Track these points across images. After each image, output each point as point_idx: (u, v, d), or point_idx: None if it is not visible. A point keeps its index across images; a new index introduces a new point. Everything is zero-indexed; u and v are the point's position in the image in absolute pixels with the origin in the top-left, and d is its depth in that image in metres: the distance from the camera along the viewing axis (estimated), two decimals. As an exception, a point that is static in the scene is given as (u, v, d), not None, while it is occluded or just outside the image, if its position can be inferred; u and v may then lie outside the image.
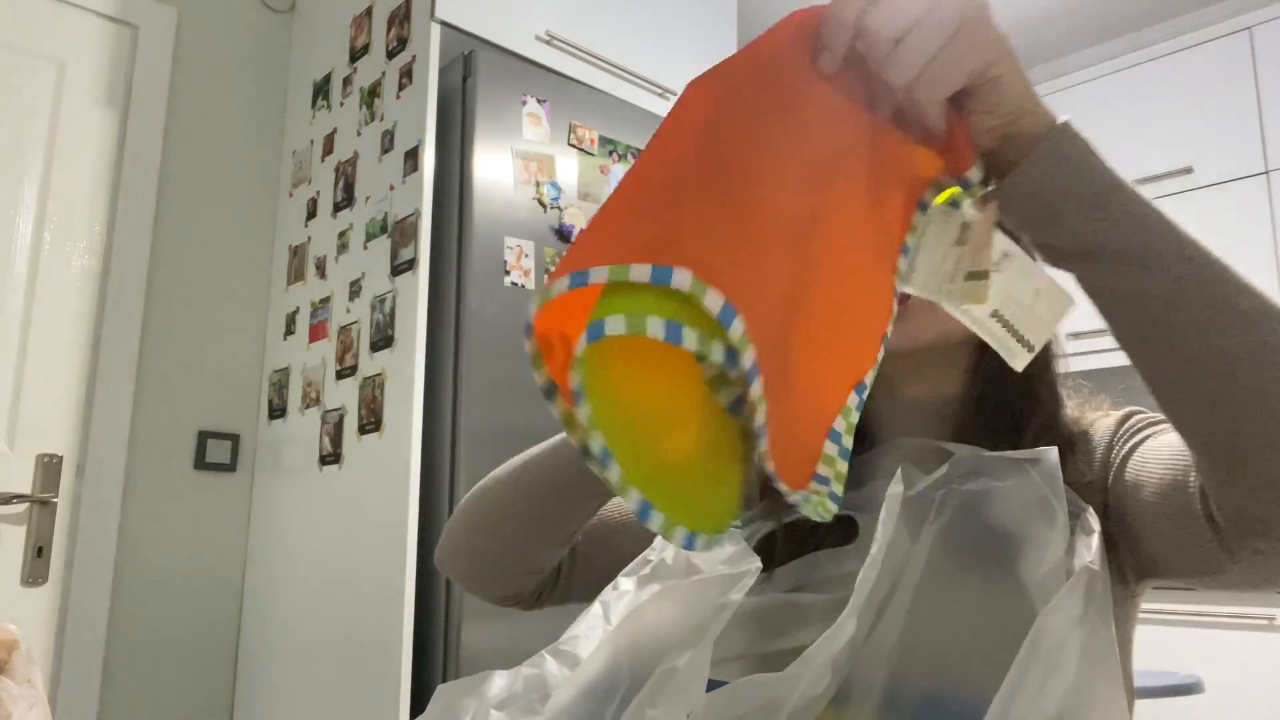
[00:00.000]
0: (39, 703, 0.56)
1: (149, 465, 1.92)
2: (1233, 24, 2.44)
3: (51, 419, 1.81)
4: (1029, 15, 2.77)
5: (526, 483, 0.68)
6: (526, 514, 0.68)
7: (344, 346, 1.80)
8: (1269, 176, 2.32)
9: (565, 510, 0.68)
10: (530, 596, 0.75)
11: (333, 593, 1.71)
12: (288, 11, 2.29)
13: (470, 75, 1.73)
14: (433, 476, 1.60)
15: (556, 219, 1.77)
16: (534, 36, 1.87)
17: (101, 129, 1.96)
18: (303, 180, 2.09)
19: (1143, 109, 2.56)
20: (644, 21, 2.12)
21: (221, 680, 1.97)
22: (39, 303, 1.83)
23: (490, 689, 0.55)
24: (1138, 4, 2.71)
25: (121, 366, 1.90)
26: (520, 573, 0.71)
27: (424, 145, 1.67)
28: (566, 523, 0.69)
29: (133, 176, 1.96)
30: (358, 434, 1.71)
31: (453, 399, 1.61)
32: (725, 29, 2.34)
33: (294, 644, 1.81)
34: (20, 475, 1.76)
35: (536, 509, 0.68)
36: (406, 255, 1.67)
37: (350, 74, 1.97)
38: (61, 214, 1.88)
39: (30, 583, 1.75)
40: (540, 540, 0.69)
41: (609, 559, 0.74)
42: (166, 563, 1.93)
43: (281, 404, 2.00)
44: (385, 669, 1.53)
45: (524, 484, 0.68)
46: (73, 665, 1.76)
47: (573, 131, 1.84)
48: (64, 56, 1.93)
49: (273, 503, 1.97)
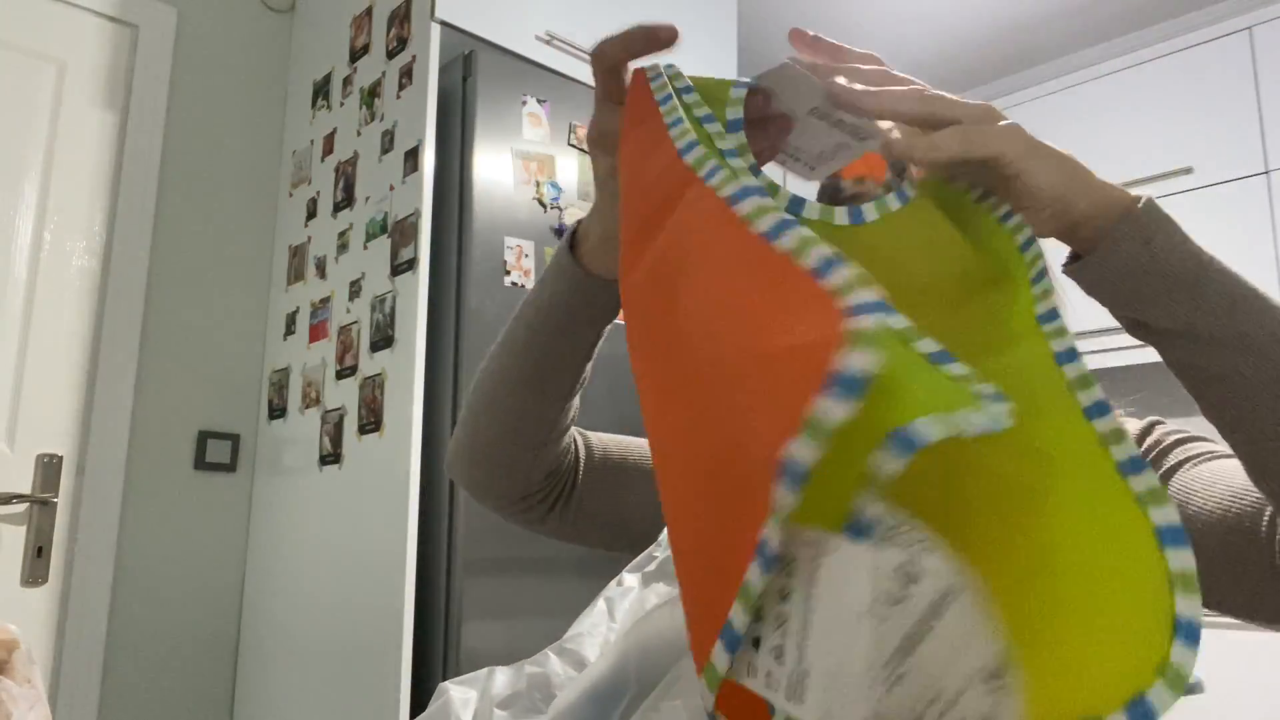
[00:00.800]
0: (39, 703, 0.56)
1: (149, 465, 1.92)
2: (1233, 24, 2.44)
3: (51, 419, 1.81)
4: (1029, 15, 2.77)
5: (509, 342, 0.66)
6: (520, 370, 0.66)
7: (344, 346, 1.80)
8: (1269, 176, 2.32)
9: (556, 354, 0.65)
10: (541, 496, 0.72)
11: (333, 593, 1.71)
12: (288, 11, 2.29)
13: (470, 75, 1.73)
14: (433, 476, 1.60)
15: (556, 219, 1.77)
16: (534, 36, 1.87)
17: (101, 129, 1.96)
18: (303, 180, 2.09)
19: (1143, 109, 2.56)
20: (644, 21, 2.11)
21: (221, 680, 1.97)
22: (39, 303, 1.83)
23: (494, 686, 0.55)
24: (1138, 4, 2.71)
25: (121, 366, 1.90)
26: (527, 449, 0.68)
27: (424, 145, 1.67)
28: (562, 373, 0.66)
29: (133, 176, 1.96)
30: (358, 434, 1.71)
31: (453, 399, 1.61)
32: (725, 29, 2.34)
33: (294, 644, 1.81)
34: (20, 475, 1.76)
35: (531, 363, 0.65)
36: (406, 255, 1.67)
37: (350, 74, 1.97)
38: (61, 214, 1.88)
39: (30, 583, 1.75)
40: (539, 401, 0.66)
41: (615, 491, 0.75)
42: (166, 563, 1.93)
43: (281, 404, 2.00)
44: (385, 669, 1.53)
45: (508, 343, 0.66)
46: (73, 665, 1.76)
47: (573, 131, 1.84)
48: (64, 56, 1.93)
49: (273, 503, 1.97)
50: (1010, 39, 2.90)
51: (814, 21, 2.82)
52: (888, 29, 2.86)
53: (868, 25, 2.84)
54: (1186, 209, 2.39)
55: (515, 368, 0.65)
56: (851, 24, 2.84)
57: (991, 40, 2.91)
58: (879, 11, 2.77)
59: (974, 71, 3.11)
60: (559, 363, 0.65)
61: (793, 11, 2.77)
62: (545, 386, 0.66)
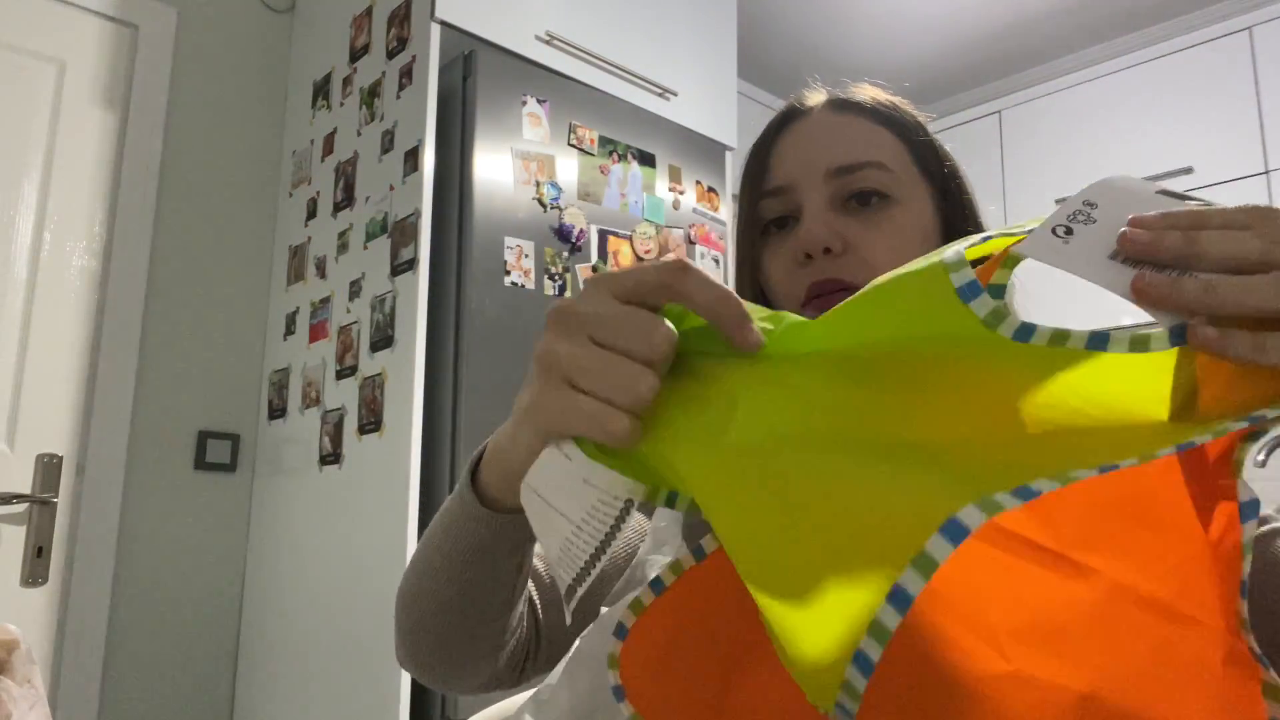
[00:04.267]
0: (39, 703, 0.56)
1: (149, 465, 1.92)
2: (1233, 24, 2.44)
3: (51, 419, 1.81)
4: (1029, 15, 2.77)
5: (425, 566, 0.58)
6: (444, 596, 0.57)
7: (344, 346, 1.80)
8: (1269, 176, 2.32)
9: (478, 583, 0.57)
10: (507, 672, 0.65)
11: (333, 593, 1.71)
12: (288, 11, 2.29)
13: (470, 75, 1.73)
14: (433, 476, 1.60)
15: (556, 219, 1.77)
16: (534, 36, 1.87)
17: (101, 129, 1.96)
18: (303, 180, 2.09)
19: (1143, 109, 2.56)
20: (644, 21, 2.12)
21: (221, 680, 1.97)
22: (39, 303, 1.83)
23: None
24: (1137, 4, 2.71)
25: (121, 366, 1.90)
26: (474, 658, 0.61)
27: (424, 145, 1.67)
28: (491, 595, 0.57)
29: (133, 176, 1.96)
30: (358, 434, 1.71)
31: (453, 399, 1.61)
32: (725, 29, 2.34)
33: (294, 644, 1.81)
34: (20, 475, 1.76)
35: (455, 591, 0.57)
36: (406, 255, 1.67)
37: (350, 74, 1.97)
38: (61, 214, 1.88)
39: (30, 583, 1.75)
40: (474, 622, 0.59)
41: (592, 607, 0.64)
42: (166, 563, 1.93)
43: (281, 404, 2.00)
44: (385, 669, 1.53)
45: (425, 568, 0.58)
46: (73, 665, 1.76)
47: (573, 131, 1.84)
48: (64, 56, 1.93)
49: (273, 503, 1.97)
50: (1010, 39, 2.90)
51: (814, 22, 2.82)
52: (888, 29, 2.86)
53: (868, 25, 2.84)
54: (1186, 209, 2.39)
55: (439, 592, 0.58)
56: (852, 24, 2.84)
57: (991, 40, 2.91)
58: (879, 11, 2.77)
59: (974, 71, 3.11)
60: (485, 589, 0.57)
61: (793, 12, 2.77)
62: (475, 610, 0.58)
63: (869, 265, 0.61)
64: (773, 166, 0.67)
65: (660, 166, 1.99)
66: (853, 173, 0.64)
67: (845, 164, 0.64)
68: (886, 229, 0.63)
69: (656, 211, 1.95)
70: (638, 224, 1.91)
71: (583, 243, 1.80)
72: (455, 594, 0.57)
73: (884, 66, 3.02)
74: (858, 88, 0.70)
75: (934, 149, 0.68)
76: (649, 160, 1.97)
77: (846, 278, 0.61)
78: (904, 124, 0.67)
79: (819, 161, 0.65)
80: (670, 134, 2.03)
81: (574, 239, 1.78)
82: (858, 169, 0.63)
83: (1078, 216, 0.37)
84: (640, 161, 1.95)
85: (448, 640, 0.59)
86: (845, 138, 0.65)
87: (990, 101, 2.98)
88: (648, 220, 1.93)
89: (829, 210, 0.64)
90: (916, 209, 0.65)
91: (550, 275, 1.74)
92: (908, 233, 0.63)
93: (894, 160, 0.65)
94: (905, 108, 0.69)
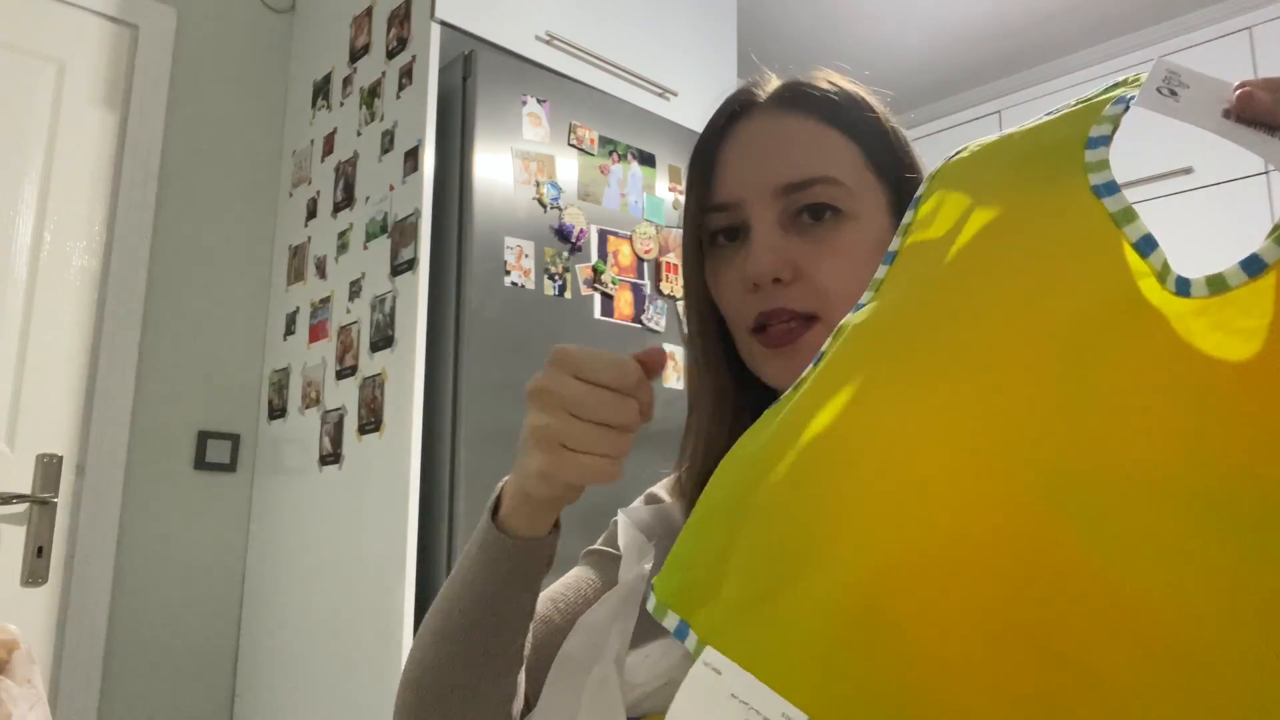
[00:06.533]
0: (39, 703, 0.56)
1: (149, 465, 1.92)
2: (1233, 24, 2.44)
3: (51, 419, 1.81)
4: (1029, 15, 2.77)
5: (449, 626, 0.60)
6: (458, 651, 0.59)
7: (344, 346, 1.80)
8: (1269, 176, 2.32)
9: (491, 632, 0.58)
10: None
11: (333, 593, 1.71)
12: (288, 11, 2.29)
13: (470, 75, 1.73)
14: (433, 476, 1.60)
15: (556, 219, 1.77)
16: (534, 36, 1.87)
17: (101, 129, 1.96)
18: (303, 180, 2.09)
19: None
20: (644, 21, 2.12)
21: (221, 680, 1.97)
22: (39, 303, 1.83)
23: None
24: (1137, 4, 2.71)
25: (121, 366, 1.90)
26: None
27: (424, 145, 1.67)
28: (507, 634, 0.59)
29: (133, 176, 1.96)
30: (358, 434, 1.71)
31: (453, 399, 1.61)
32: (725, 29, 2.34)
33: (294, 644, 1.81)
34: (20, 475, 1.76)
35: (464, 652, 0.59)
36: (406, 255, 1.67)
37: (350, 74, 1.97)
38: (61, 214, 1.88)
39: (30, 583, 1.75)
40: (486, 667, 0.59)
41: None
42: (166, 563, 1.93)
43: (281, 404, 2.00)
44: (385, 669, 1.53)
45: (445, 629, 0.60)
46: (73, 665, 1.76)
47: (573, 131, 1.84)
48: (64, 56, 1.93)
49: (273, 503, 1.97)
50: (1010, 39, 2.90)
51: (813, 22, 2.82)
52: (888, 29, 2.86)
53: (867, 25, 2.84)
54: (1186, 209, 2.39)
55: (461, 654, 0.59)
56: (852, 24, 2.84)
57: (991, 40, 2.91)
58: (879, 11, 2.77)
59: (974, 71, 3.11)
60: (502, 630, 0.59)
61: (793, 12, 2.77)
62: (494, 664, 0.59)
63: (819, 292, 0.61)
64: (718, 177, 0.65)
65: (660, 166, 1.99)
66: (802, 189, 0.62)
67: (794, 180, 0.62)
68: (838, 248, 0.61)
69: (656, 211, 1.95)
70: (638, 224, 1.91)
71: (583, 243, 1.80)
72: (466, 657, 0.59)
73: (884, 66, 3.02)
74: (812, 76, 0.66)
75: (889, 142, 0.65)
76: (649, 160, 1.97)
77: (797, 307, 0.61)
78: (856, 120, 0.64)
79: (767, 178, 0.62)
80: (670, 134, 2.03)
81: (574, 239, 1.78)
82: (807, 185, 0.62)
83: (1172, 80, 0.38)
84: (640, 161, 1.95)
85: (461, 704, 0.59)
86: (794, 146, 0.63)
87: (990, 101, 2.98)
88: (648, 220, 1.93)
89: (777, 230, 0.62)
90: (869, 219, 0.63)
91: (550, 275, 1.74)
92: (860, 250, 0.62)
93: (845, 169, 0.63)
94: (860, 96, 0.66)
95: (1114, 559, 0.28)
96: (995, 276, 0.37)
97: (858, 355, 0.40)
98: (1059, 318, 0.34)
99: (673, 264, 1.94)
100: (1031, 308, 0.34)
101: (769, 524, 0.38)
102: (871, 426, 0.36)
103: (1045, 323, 0.34)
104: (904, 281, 0.41)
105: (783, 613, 0.35)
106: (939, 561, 0.31)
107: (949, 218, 0.41)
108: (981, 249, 0.38)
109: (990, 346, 0.35)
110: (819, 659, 0.32)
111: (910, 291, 0.40)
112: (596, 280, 1.80)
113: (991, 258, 0.38)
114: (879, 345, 0.39)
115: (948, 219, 0.41)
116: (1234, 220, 2.34)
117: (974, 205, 0.40)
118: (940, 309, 0.38)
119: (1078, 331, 0.33)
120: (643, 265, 1.89)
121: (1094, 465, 0.30)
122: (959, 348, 0.36)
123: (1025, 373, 0.33)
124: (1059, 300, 0.34)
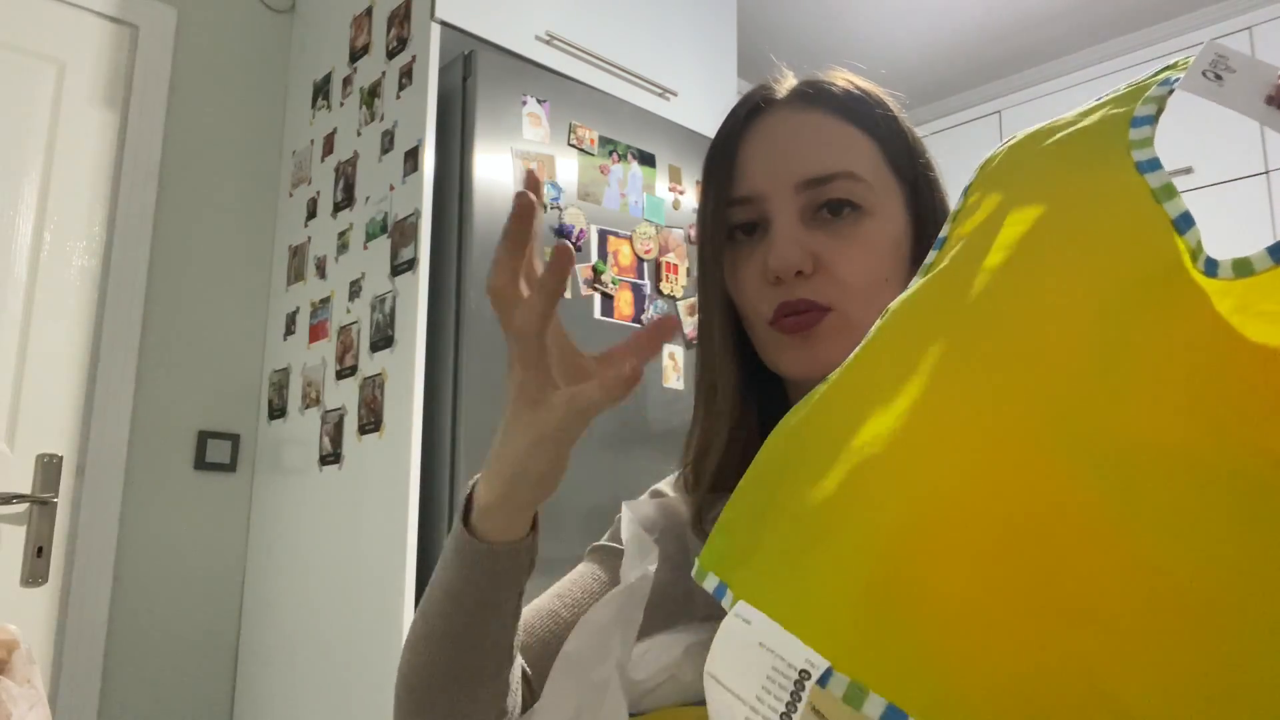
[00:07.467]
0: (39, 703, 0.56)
1: (149, 465, 1.92)
2: (1233, 24, 2.44)
3: (51, 419, 1.81)
4: (1029, 15, 2.77)
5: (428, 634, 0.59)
6: (446, 654, 0.58)
7: (344, 346, 1.80)
8: (1269, 176, 2.32)
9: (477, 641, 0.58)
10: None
11: (333, 593, 1.71)
12: (288, 11, 2.29)
13: (470, 75, 1.73)
14: (433, 476, 1.60)
15: (556, 219, 1.77)
16: (534, 36, 1.87)
17: (101, 129, 1.96)
18: (303, 180, 2.09)
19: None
20: (644, 21, 2.12)
21: (221, 680, 1.97)
22: (39, 303, 1.83)
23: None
24: (1137, 4, 2.71)
25: (121, 366, 1.90)
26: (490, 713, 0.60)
27: (424, 145, 1.67)
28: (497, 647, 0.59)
29: (133, 176, 1.96)
30: (358, 434, 1.71)
31: (453, 399, 1.61)
32: (725, 29, 2.34)
33: (294, 644, 1.81)
34: (20, 475, 1.76)
35: (451, 645, 0.58)
36: (406, 255, 1.67)
37: (350, 74, 1.97)
38: (61, 214, 1.88)
39: (30, 583, 1.75)
40: (478, 668, 0.59)
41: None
42: (166, 563, 1.93)
43: (281, 404, 2.00)
44: (385, 669, 1.53)
45: (432, 633, 0.59)
46: (73, 665, 1.76)
47: (573, 131, 1.84)
48: (64, 56, 1.93)
49: (273, 503, 1.97)
50: (1010, 39, 2.90)
51: (814, 22, 2.82)
52: (887, 29, 2.86)
53: (867, 25, 2.84)
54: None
55: (444, 660, 0.58)
56: (852, 24, 2.84)
57: (991, 40, 2.91)
58: (879, 12, 2.77)
59: (973, 71, 3.11)
60: (489, 633, 0.58)
61: (793, 11, 2.77)
62: (478, 657, 0.59)
63: (840, 284, 0.61)
64: (739, 171, 0.65)
65: (660, 166, 1.99)
66: (824, 184, 0.62)
67: (816, 175, 0.62)
68: (858, 242, 0.62)
69: (656, 211, 1.95)
70: (638, 224, 1.91)
71: (583, 243, 1.80)
72: (454, 650, 0.58)
73: (884, 66, 3.02)
74: (829, 74, 0.67)
75: (906, 142, 0.66)
76: (649, 160, 1.97)
77: (818, 299, 0.61)
78: (875, 119, 0.65)
79: (789, 172, 0.63)
80: (670, 134, 2.03)
81: (574, 239, 1.78)
82: (829, 180, 0.62)
83: (1219, 65, 0.38)
84: (640, 161, 1.95)
85: (456, 694, 0.59)
86: (815, 143, 0.64)
87: (990, 101, 2.98)
88: (648, 220, 1.93)
89: (799, 225, 0.62)
90: (888, 216, 0.63)
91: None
92: (880, 245, 0.63)
93: (865, 165, 0.63)
94: (877, 95, 0.67)
95: (1144, 528, 0.29)
96: (1041, 254, 0.38)
97: (901, 331, 0.42)
98: (1103, 293, 0.34)
99: (673, 264, 1.94)
100: (1075, 283, 0.35)
101: (805, 485, 0.39)
102: (910, 394, 0.37)
103: (1089, 298, 0.35)
104: (952, 262, 0.42)
105: (812, 567, 0.36)
106: (966, 520, 0.32)
107: (996, 201, 0.42)
108: (1028, 228, 0.39)
109: (1034, 320, 0.36)
110: (843, 610, 0.33)
111: (959, 269, 0.41)
112: (596, 280, 1.80)
113: (1038, 236, 0.39)
114: (924, 322, 0.41)
115: (994, 202, 0.42)
116: (1234, 220, 2.34)
117: (1021, 188, 0.42)
118: (986, 283, 0.39)
119: (1121, 306, 0.34)
120: (643, 265, 1.89)
121: (1129, 437, 0.31)
122: (1003, 320, 0.37)
123: (1068, 345, 0.34)
124: (1103, 276, 0.35)
